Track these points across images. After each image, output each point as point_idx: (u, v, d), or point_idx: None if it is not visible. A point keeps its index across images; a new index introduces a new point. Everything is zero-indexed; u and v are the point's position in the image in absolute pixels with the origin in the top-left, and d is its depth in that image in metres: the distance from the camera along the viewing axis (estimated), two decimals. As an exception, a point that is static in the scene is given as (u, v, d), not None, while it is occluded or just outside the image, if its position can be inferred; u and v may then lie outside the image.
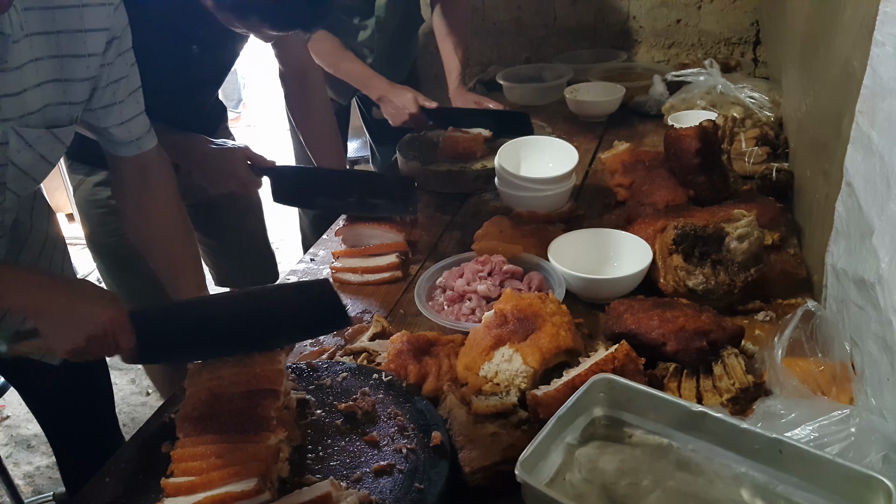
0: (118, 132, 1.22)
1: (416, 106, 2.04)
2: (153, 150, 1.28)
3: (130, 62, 1.19)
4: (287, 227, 3.78)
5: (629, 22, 2.99)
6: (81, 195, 1.64)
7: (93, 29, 1.07)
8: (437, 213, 1.85)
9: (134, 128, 1.23)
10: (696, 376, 1.10)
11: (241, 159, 1.56)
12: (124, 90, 1.19)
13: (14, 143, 1.04)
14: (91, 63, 1.09)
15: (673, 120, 1.99)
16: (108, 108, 1.18)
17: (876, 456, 0.85)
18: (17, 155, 1.05)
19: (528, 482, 0.85)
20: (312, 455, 1.02)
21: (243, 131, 5.50)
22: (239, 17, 1.30)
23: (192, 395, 1.04)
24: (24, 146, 1.05)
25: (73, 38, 1.05)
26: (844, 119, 1.13)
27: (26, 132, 1.04)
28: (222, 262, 2.02)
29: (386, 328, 1.34)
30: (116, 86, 1.17)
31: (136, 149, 1.25)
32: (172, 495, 0.92)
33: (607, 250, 1.46)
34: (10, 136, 1.02)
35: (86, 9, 1.06)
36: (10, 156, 1.05)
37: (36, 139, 1.06)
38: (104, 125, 1.20)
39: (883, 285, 0.90)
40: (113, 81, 1.16)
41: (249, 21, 1.30)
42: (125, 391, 2.85)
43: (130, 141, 1.24)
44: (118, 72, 1.16)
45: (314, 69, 1.80)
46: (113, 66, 1.14)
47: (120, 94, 1.18)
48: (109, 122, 1.20)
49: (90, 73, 1.10)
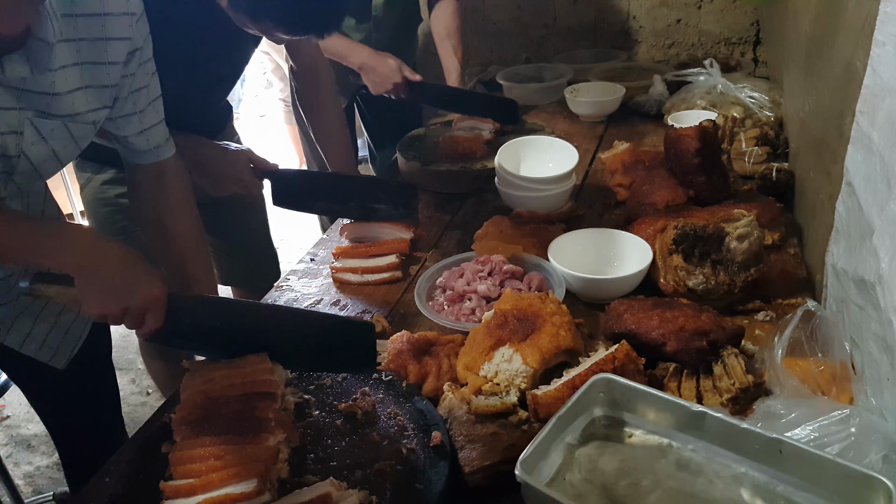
0: (137, 141, 1.22)
1: (401, 75, 2.01)
2: (171, 158, 1.29)
3: (151, 72, 1.19)
4: (288, 226, 3.78)
5: (629, 22, 2.99)
6: (89, 193, 1.64)
7: (114, 38, 1.08)
8: (437, 213, 1.85)
9: (153, 137, 1.24)
10: (696, 376, 1.10)
11: (244, 162, 1.57)
12: (144, 100, 1.19)
13: (29, 134, 1.04)
14: (112, 71, 1.10)
15: (673, 120, 1.99)
16: (128, 117, 1.19)
17: (876, 456, 0.85)
18: (30, 147, 1.06)
19: (528, 482, 0.85)
20: (312, 455, 1.02)
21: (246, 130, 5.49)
22: (252, 20, 1.31)
23: (188, 399, 1.05)
24: (38, 139, 1.05)
25: (94, 46, 1.06)
26: (846, 119, 1.13)
27: (42, 123, 1.04)
28: (225, 261, 2.03)
29: (386, 328, 1.34)
30: (137, 95, 1.17)
31: (155, 157, 1.26)
32: (172, 497, 0.92)
33: (607, 250, 1.45)
34: (25, 126, 1.03)
35: (108, 17, 1.06)
36: (23, 147, 1.05)
37: (50, 132, 1.06)
38: (124, 134, 1.21)
39: (883, 285, 0.90)
40: (134, 91, 1.16)
41: (262, 24, 1.31)
42: (125, 391, 2.85)
43: (149, 150, 1.25)
44: (139, 82, 1.17)
45: (325, 66, 1.81)
46: (135, 76, 1.15)
47: (140, 104, 1.19)
48: (129, 131, 1.20)
49: (111, 81, 1.11)
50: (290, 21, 1.29)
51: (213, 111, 1.75)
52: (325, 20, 1.33)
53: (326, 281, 1.59)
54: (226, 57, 1.58)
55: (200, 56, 1.48)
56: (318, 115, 1.84)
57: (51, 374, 1.36)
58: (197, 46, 1.45)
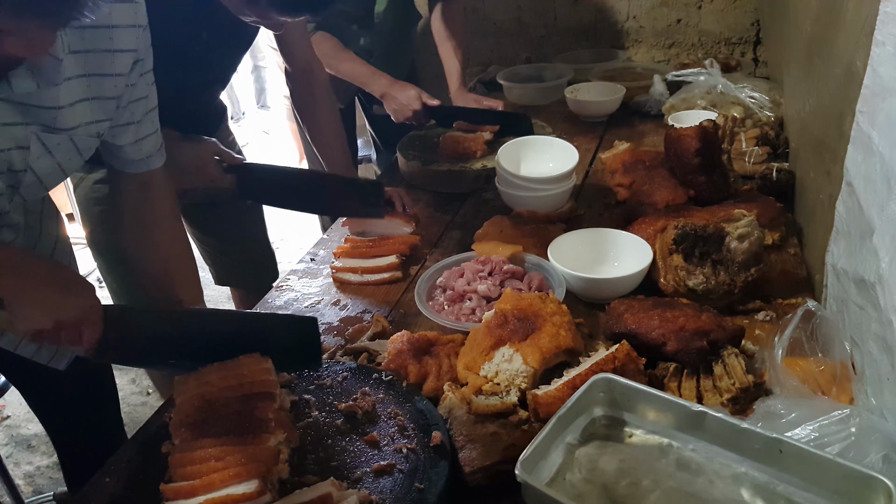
0: (130, 150, 1.22)
1: (420, 103, 2.05)
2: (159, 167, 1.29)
3: (150, 82, 1.19)
4: (288, 226, 3.78)
5: (629, 22, 2.99)
6: (82, 193, 1.64)
7: (121, 49, 1.08)
8: (437, 213, 1.85)
9: (146, 146, 1.24)
10: (696, 376, 1.10)
11: (208, 154, 1.54)
12: (142, 110, 1.19)
13: (35, 148, 1.03)
14: (118, 83, 1.10)
15: (673, 120, 1.99)
16: (125, 126, 1.18)
17: (876, 456, 0.85)
18: (36, 161, 1.05)
19: (528, 482, 0.85)
20: (313, 455, 1.02)
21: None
22: (248, 4, 1.31)
23: (184, 403, 1.04)
24: (44, 152, 1.05)
25: (101, 58, 1.06)
26: (846, 119, 1.13)
27: (47, 137, 1.04)
28: (222, 262, 2.02)
29: (386, 328, 1.34)
30: (136, 105, 1.17)
31: (145, 166, 1.26)
32: (172, 499, 0.92)
33: (607, 250, 1.45)
34: (32, 141, 1.02)
35: (115, 30, 1.06)
36: (30, 162, 1.04)
37: (56, 146, 1.06)
38: (119, 143, 1.20)
39: (883, 285, 0.90)
40: (133, 101, 1.16)
41: (258, 6, 1.31)
42: (125, 391, 2.85)
43: (141, 159, 1.24)
44: (139, 92, 1.16)
45: (319, 67, 1.81)
46: (135, 86, 1.15)
47: (138, 114, 1.19)
48: (125, 140, 1.20)
49: (116, 93, 1.11)
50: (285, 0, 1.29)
51: (206, 111, 1.74)
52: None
53: (326, 281, 1.59)
54: (218, 57, 1.57)
55: (194, 55, 1.48)
56: (314, 117, 1.83)
57: (50, 375, 1.36)
58: (191, 46, 1.45)
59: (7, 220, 1.16)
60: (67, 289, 1.01)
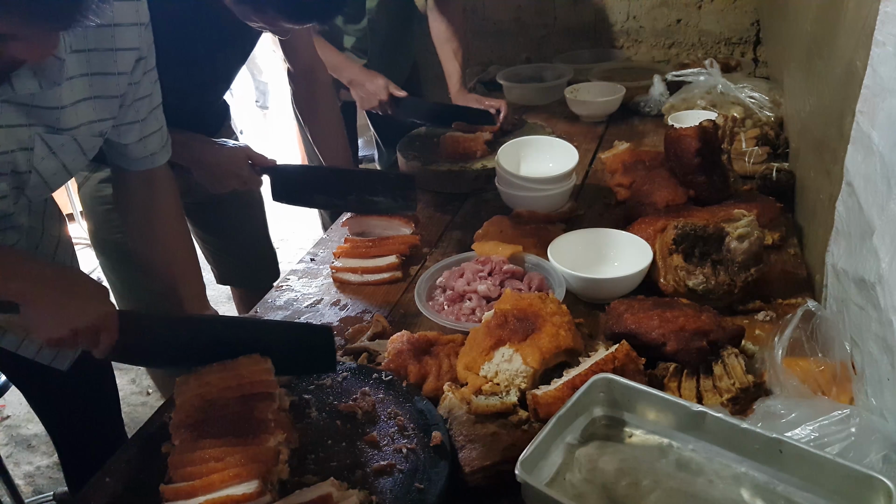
0: (135, 148, 1.22)
1: (387, 93, 2.05)
2: (163, 164, 1.29)
3: (154, 80, 1.19)
4: (288, 226, 3.78)
5: (629, 22, 2.99)
6: (86, 192, 1.64)
7: (124, 48, 1.08)
8: (437, 213, 1.85)
9: (150, 144, 1.24)
10: (696, 376, 1.10)
11: (242, 158, 1.57)
12: (147, 108, 1.19)
13: (39, 149, 1.03)
14: (120, 81, 1.10)
15: (673, 120, 1.99)
16: (130, 125, 1.18)
17: (876, 456, 0.85)
18: (41, 162, 1.05)
19: (528, 482, 0.85)
20: (313, 456, 1.02)
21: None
22: (255, 10, 1.31)
23: (184, 403, 1.04)
24: (48, 153, 1.05)
25: (104, 57, 1.06)
26: (846, 119, 1.13)
27: (51, 138, 1.04)
28: (224, 261, 2.03)
29: (386, 328, 1.34)
30: (140, 104, 1.17)
31: (150, 164, 1.26)
32: (172, 500, 0.92)
33: (607, 250, 1.45)
34: (36, 142, 1.02)
35: (118, 28, 1.06)
36: (34, 163, 1.04)
37: (60, 146, 1.06)
38: (124, 141, 1.20)
39: (883, 285, 0.90)
40: (137, 100, 1.16)
41: (266, 14, 1.31)
42: (125, 391, 2.85)
43: (145, 157, 1.25)
44: (143, 90, 1.16)
45: (321, 68, 1.82)
46: (139, 85, 1.15)
47: (142, 112, 1.19)
48: (130, 138, 1.20)
49: (119, 91, 1.11)
50: (293, 8, 1.29)
51: (210, 110, 1.75)
52: (327, 6, 1.33)
53: (326, 281, 1.59)
54: (222, 57, 1.58)
55: (198, 56, 1.48)
56: (315, 117, 1.85)
57: (51, 375, 1.36)
58: (194, 46, 1.45)
59: (11, 222, 1.16)
60: (83, 295, 1.01)
